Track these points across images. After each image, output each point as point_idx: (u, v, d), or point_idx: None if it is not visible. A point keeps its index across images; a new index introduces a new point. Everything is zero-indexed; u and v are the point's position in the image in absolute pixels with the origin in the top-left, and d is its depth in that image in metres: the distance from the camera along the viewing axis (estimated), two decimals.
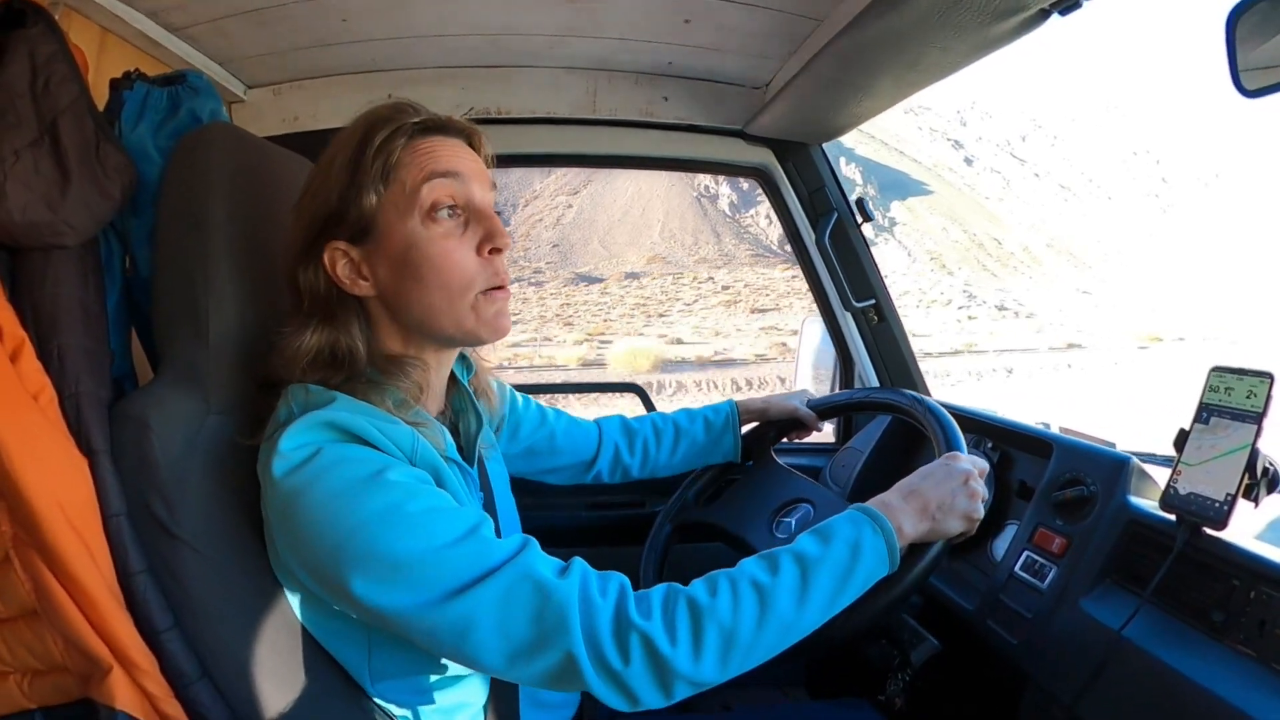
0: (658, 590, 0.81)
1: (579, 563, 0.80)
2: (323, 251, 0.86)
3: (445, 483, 0.83)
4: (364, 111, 0.89)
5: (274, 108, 1.68)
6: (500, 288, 0.90)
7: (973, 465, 0.98)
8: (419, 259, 0.85)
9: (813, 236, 1.86)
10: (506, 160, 1.82)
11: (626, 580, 0.81)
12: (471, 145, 0.94)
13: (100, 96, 1.00)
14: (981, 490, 0.96)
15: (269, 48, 1.51)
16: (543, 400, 1.36)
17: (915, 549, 0.93)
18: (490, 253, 0.89)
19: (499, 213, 0.93)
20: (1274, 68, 0.91)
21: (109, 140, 0.91)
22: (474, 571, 0.74)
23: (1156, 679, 0.92)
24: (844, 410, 1.46)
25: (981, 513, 0.95)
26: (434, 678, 0.90)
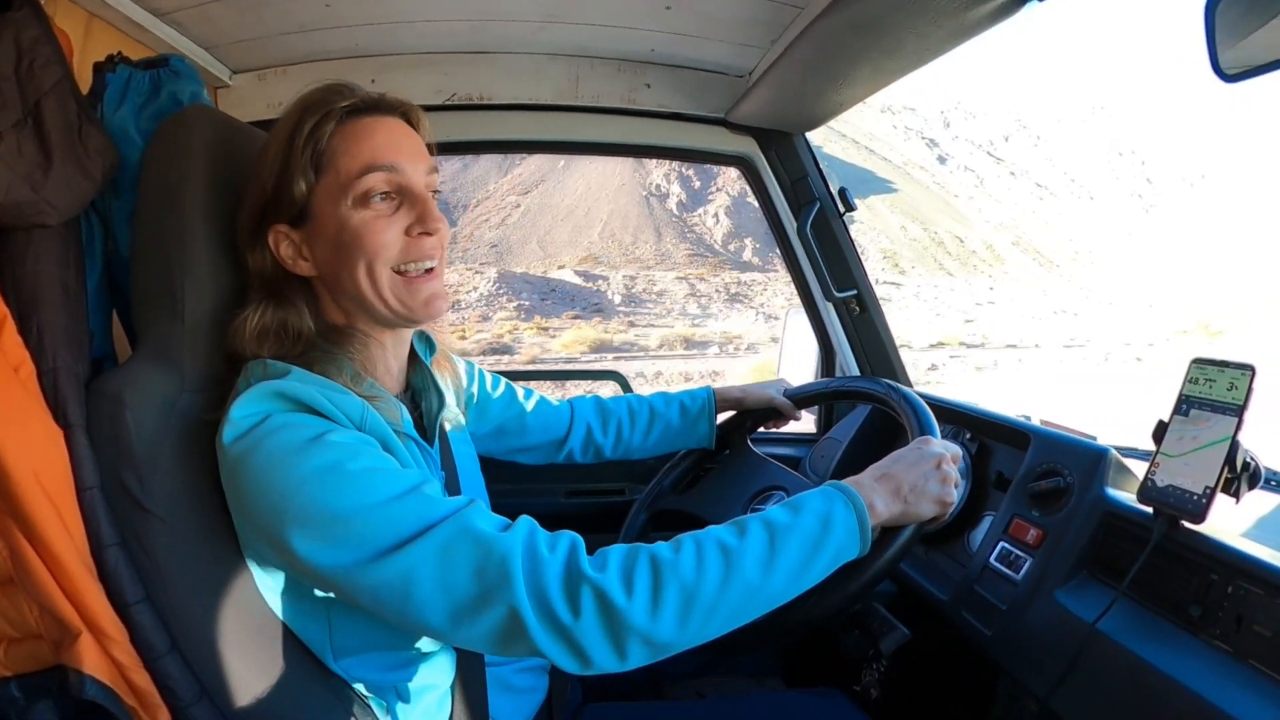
0: (617, 547, 0.79)
1: (526, 519, 0.79)
2: (267, 234, 0.88)
3: (394, 453, 0.83)
4: (299, 95, 0.90)
5: (259, 93, 1.68)
6: (427, 272, 0.91)
7: (945, 450, 0.97)
8: (348, 239, 0.87)
9: (794, 226, 1.88)
10: (489, 146, 1.83)
11: (580, 538, 0.79)
12: (409, 122, 0.94)
13: (86, 80, 1.01)
14: (954, 474, 0.96)
15: (253, 33, 1.52)
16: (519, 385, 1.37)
17: (888, 532, 0.92)
18: (419, 235, 0.90)
19: (438, 192, 0.94)
20: (1254, 55, 0.90)
21: (91, 122, 0.92)
22: (413, 527, 0.74)
23: (1131, 673, 0.92)
24: (820, 399, 1.47)
25: (954, 497, 0.95)
26: (396, 655, 0.92)
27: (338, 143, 0.87)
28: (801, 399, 1.45)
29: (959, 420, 1.53)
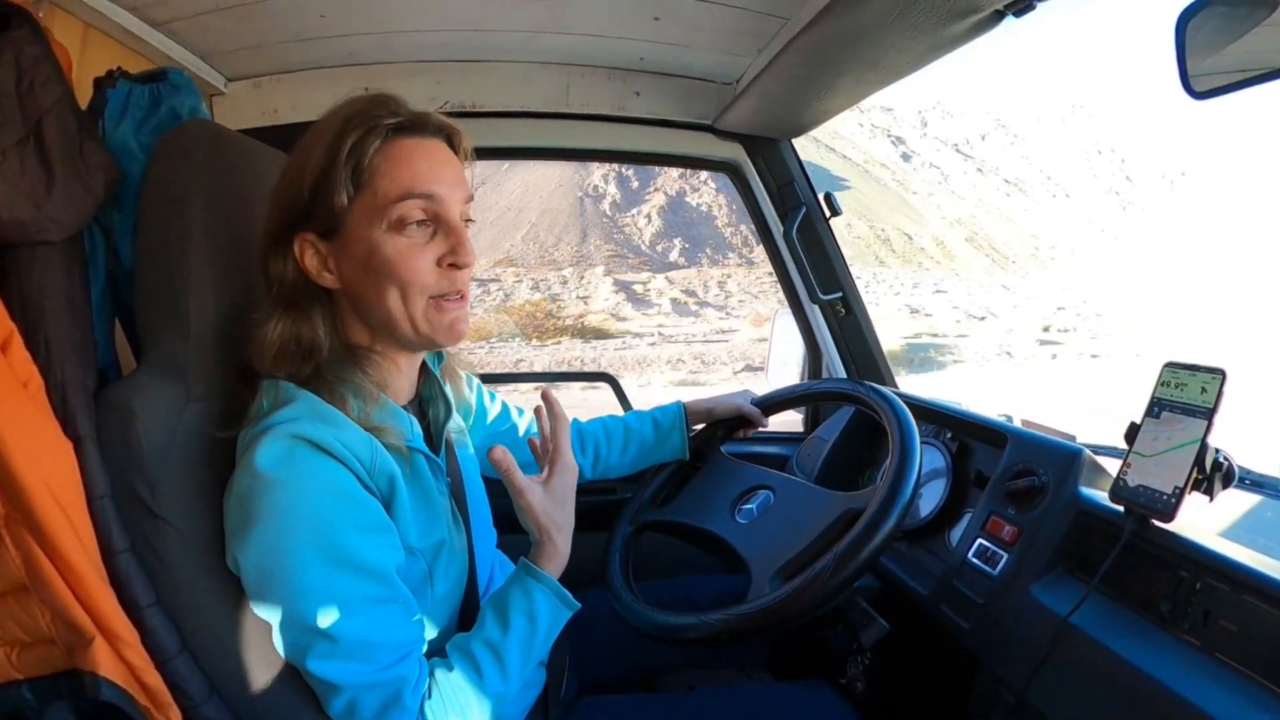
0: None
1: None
2: (293, 241, 0.88)
3: (397, 492, 0.87)
4: (342, 102, 0.90)
5: (254, 100, 1.70)
6: (458, 298, 0.92)
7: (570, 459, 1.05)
8: (380, 264, 0.86)
9: (781, 230, 1.91)
10: (481, 153, 1.84)
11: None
12: (451, 144, 0.94)
13: (85, 91, 1.03)
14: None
15: (248, 42, 1.54)
16: (514, 390, 1.39)
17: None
18: (449, 266, 0.90)
19: (470, 220, 0.94)
20: (1223, 72, 0.93)
21: (92, 138, 0.94)
22: (350, 675, 0.82)
23: (1103, 666, 0.94)
24: (786, 405, 1.50)
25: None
26: None
27: (379, 161, 0.86)
28: (769, 406, 1.48)
29: (939, 420, 1.55)
